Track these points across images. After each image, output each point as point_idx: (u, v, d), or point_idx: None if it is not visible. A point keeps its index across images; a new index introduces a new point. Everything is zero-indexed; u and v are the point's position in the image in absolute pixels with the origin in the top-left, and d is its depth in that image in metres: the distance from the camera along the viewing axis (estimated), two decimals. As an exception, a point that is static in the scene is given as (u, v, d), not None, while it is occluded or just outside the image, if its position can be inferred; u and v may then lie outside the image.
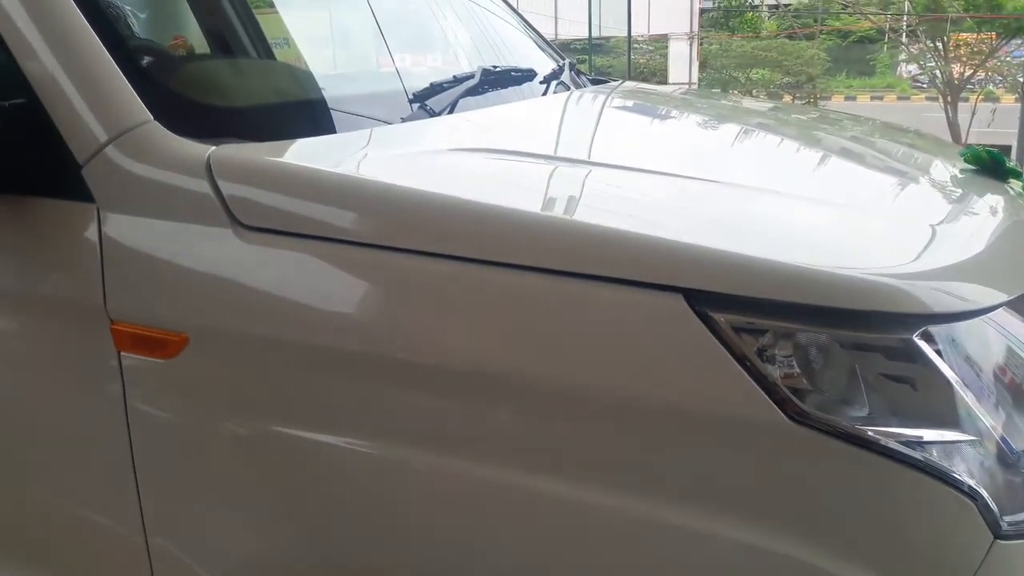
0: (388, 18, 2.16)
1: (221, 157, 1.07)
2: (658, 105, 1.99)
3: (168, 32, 2.15)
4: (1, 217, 1.17)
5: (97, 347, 1.11)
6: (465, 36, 2.08)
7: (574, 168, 1.23)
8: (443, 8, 2.18)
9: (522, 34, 2.24)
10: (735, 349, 0.86)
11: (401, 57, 1.97)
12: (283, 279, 1.02)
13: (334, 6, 2.03)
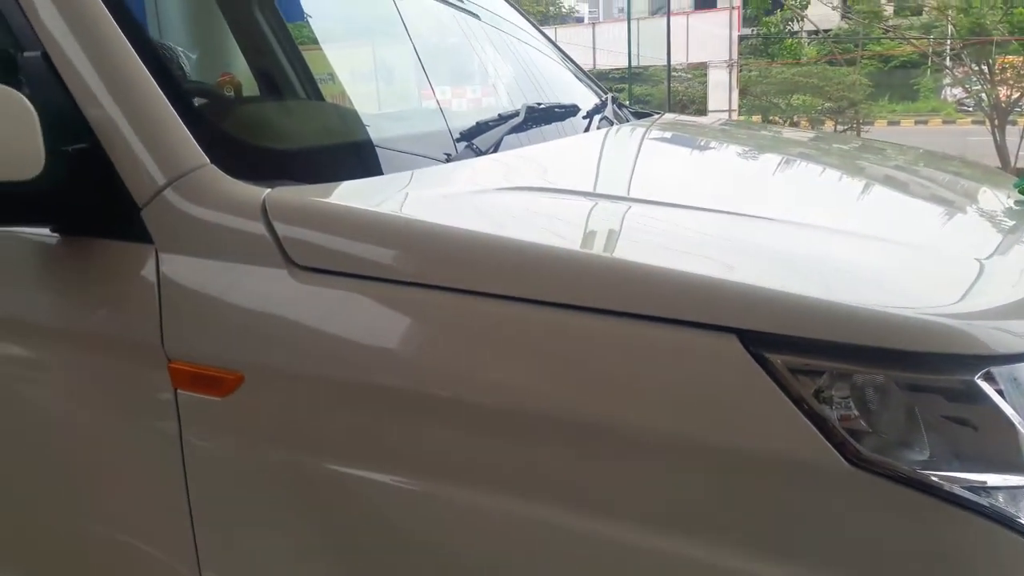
0: (430, 53, 2.20)
1: (276, 199, 1.09)
2: (701, 139, 1.99)
3: (216, 69, 2.22)
4: (64, 257, 1.21)
5: (155, 385, 1.13)
6: (507, 70, 2.11)
7: (622, 205, 1.23)
8: (484, 42, 2.21)
9: (563, 67, 2.26)
10: (791, 391, 0.85)
11: (444, 92, 2.00)
12: (336, 318, 1.04)
13: (377, 42, 2.07)
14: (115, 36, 1.20)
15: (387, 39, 2.02)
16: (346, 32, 2.15)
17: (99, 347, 1.20)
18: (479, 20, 2.19)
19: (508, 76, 2.05)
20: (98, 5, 1.22)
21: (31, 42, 1.20)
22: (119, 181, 1.15)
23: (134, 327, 1.14)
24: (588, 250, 0.99)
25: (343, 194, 1.17)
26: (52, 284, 1.23)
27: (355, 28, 2.18)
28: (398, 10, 1.94)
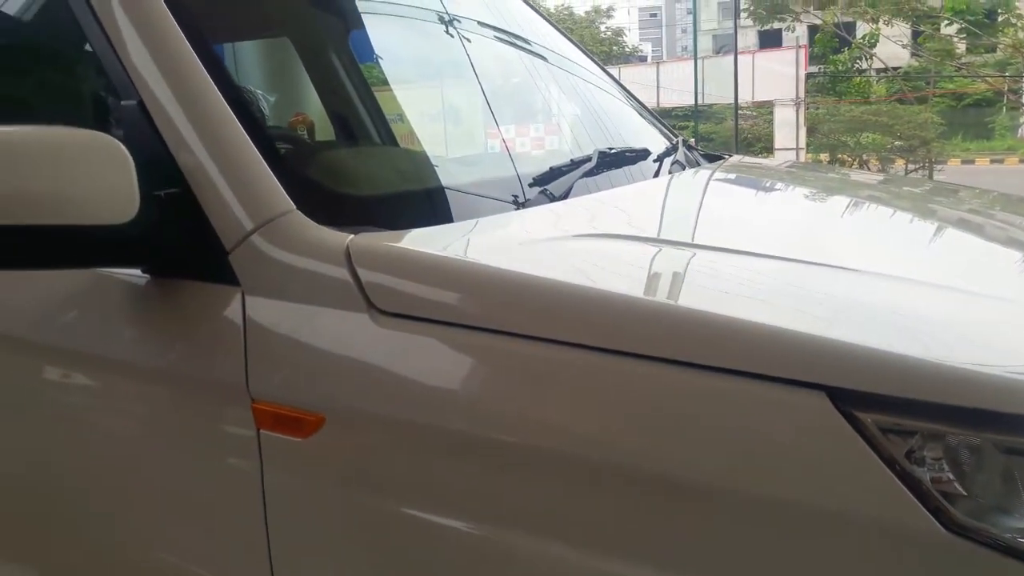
0: (500, 94, 2.23)
1: (359, 245, 1.11)
2: (773, 182, 1.97)
3: (289, 109, 2.28)
4: (153, 297, 1.25)
5: (238, 424, 1.16)
6: (577, 113, 2.12)
7: (700, 254, 1.22)
8: (554, 84, 2.23)
9: (632, 109, 2.27)
10: (883, 451, 0.83)
11: (514, 134, 2.03)
12: (417, 363, 1.05)
13: (447, 83, 2.11)
14: (206, 84, 1.25)
15: (456, 80, 2.06)
16: (415, 73, 2.20)
17: (184, 385, 1.23)
18: (547, 62, 2.21)
19: (577, 118, 2.07)
20: (191, 55, 1.27)
21: (128, 91, 1.26)
22: (208, 225, 1.18)
23: (219, 367, 1.17)
24: (671, 301, 0.99)
25: (423, 240, 1.19)
26: (141, 323, 1.27)
27: (424, 69, 2.23)
28: (466, 51, 1.97)
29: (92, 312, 1.33)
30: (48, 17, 1.52)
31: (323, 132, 2.35)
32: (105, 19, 1.30)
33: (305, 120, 2.53)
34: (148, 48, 1.27)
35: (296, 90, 2.45)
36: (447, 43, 1.95)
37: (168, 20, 1.29)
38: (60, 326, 1.37)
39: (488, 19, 2.15)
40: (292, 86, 2.47)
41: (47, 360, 1.40)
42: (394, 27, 2.06)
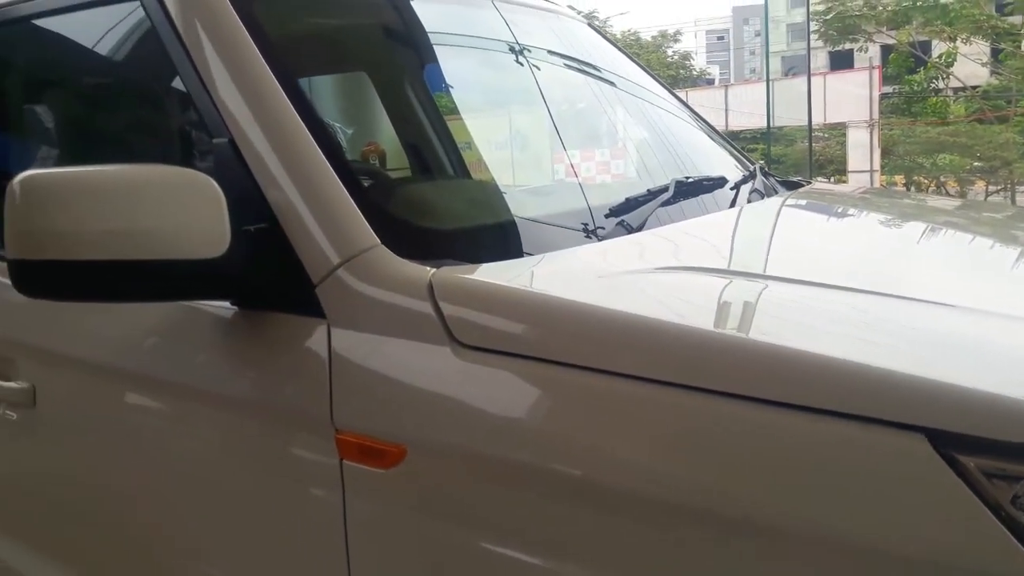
0: (573, 125, 2.24)
1: (441, 279, 1.13)
2: (857, 210, 1.93)
3: (364, 139, 2.33)
4: (242, 329, 1.29)
5: (322, 454, 1.17)
6: (651, 140, 2.11)
7: (786, 288, 1.20)
8: (625, 112, 2.23)
9: (707, 135, 2.25)
10: (987, 496, 0.79)
11: (588, 163, 2.03)
12: (498, 397, 1.05)
13: (521, 114, 2.13)
14: (294, 122, 1.29)
15: (530, 111, 2.08)
16: (490, 105, 2.23)
17: (270, 414, 1.26)
18: (620, 90, 2.21)
19: (652, 147, 2.06)
20: (279, 93, 1.31)
21: (219, 129, 1.31)
22: (296, 259, 1.22)
23: (305, 397, 1.20)
24: (759, 338, 0.97)
25: (503, 273, 1.20)
26: (229, 353, 1.31)
27: (499, 101, 2.26)
28: (540, 82, 1.99)
29: (182, 342, 1.38)
30: (145, 58, 1.59)
31: (393, 160, 2.40)
32: (198, 59, 1.35)
33: (377, 149, 2.59)
34: (238, 87, 1.32)
35: (370, 121, 2.51)
36: (521, 74, 1.97)
37: (258, 60, 1.34)
38: (151, 356, 1.42)
39: (561, 48, 2.17)
40: (366, 118, 2.53)
41: (139, 388, 1.46)
42: (469, 59, 2.09)
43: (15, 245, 1.12)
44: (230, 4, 1.40)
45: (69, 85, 1.89)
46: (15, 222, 1.11)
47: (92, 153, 1.74)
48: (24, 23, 1.79)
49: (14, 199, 1.11)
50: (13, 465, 1.74)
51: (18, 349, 1.63)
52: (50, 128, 1.87)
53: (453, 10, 1.97)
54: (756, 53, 58.93)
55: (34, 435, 1.64)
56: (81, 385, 1.55)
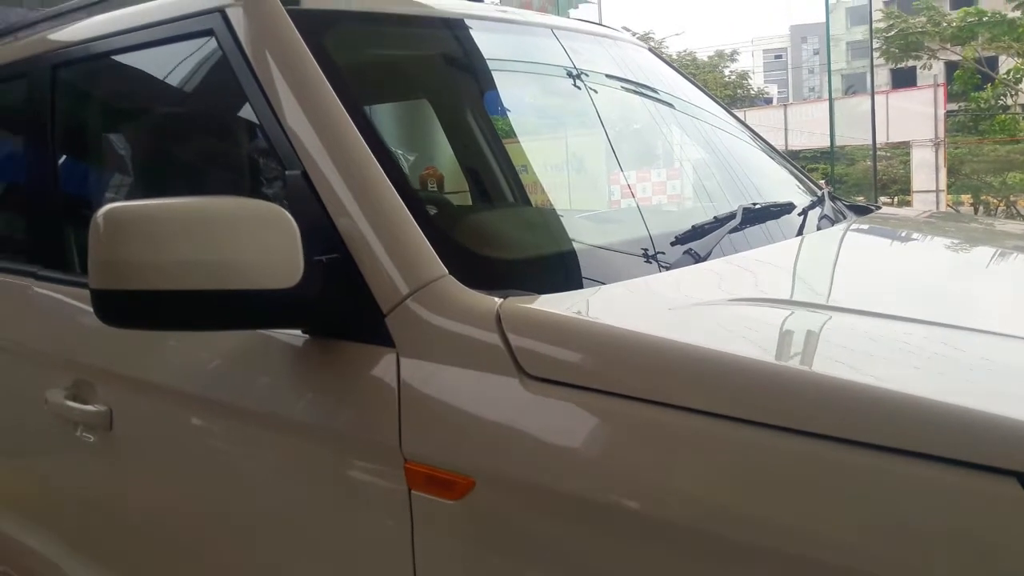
0: (637, 153, 2.22)
1: (509, 310, 1.13)
2: (933, 238, 1.87)
3: (424, 165, 2.36)
4: (313, 357, 1.30)
5: (390, 484, 1.18)
6: (716, 166, 2.08)
7: (863, 322, 1.16)
8: (691, 139, 2.21)
9: (772, 160, 2.21)
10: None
11: (653, 191, 2.01)
12: (565, 430, 1.04)
13: (584, 142, 2.13)
14: (364, 154, 1.32)
15: (595, 140, 2.08)
16: (552, 132, 2.23)
17: (339, 441, 1.27)
18: (685, 116, 2.20)
19: (718, 172, 2.03)
20: (350, 125, 1.34)
21: (291, 160, 1.33)
22: (367, 289, 1.23)
23: (374, 426, 1.21)
24: (839, 375, 0.94)
25: (570, 304, 1.19)
26: (300, 381, 1.33)
27: (562, 129, 2.26)
28: (601, 112, 1.99)
29: (253, 369, 1.40)
30: (219, 91, 1.64)
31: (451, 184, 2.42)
32: (269, 91, 1.39)
33: (435, 173, 2.61)
34: (309, 119, 1.35)
35: (431, 148, 2.54)
36: (584, 101, 1.97)
37: (328, 92, 1.37)
38: (223, 381, 1.45)
39: (622, 74, 2.16)
40: (428, 145, 2.56)
41: (211, 413, 1.49)
42: (530, 86, 2.10)
43: (98, 275, 1.15)
44: (301, 37, 1.43)
45: (146, 118, 1.96)
46: (98, 253, 1.15)
47: (169, 184, 1.80)
48: (104, 59, 1.86)
49: (98, 231, 1.14)
50: (89, 486, 1.79)
51: (97, 374, 1.68)
52: (129, 160, 1.94)
53: (515, 40, 1.99)
54: (814, 72, 58.17)
55: (110, 457, 1.69)
56: (156, 409, 1.58)
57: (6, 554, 2.16)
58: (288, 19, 1.45)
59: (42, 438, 1.87)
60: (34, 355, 1.89)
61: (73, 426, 1.72)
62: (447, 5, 1.90)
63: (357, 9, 1.69)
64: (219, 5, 1.51)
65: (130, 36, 1.74)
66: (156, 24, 1.66)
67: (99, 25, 1.85)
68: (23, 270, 1.94)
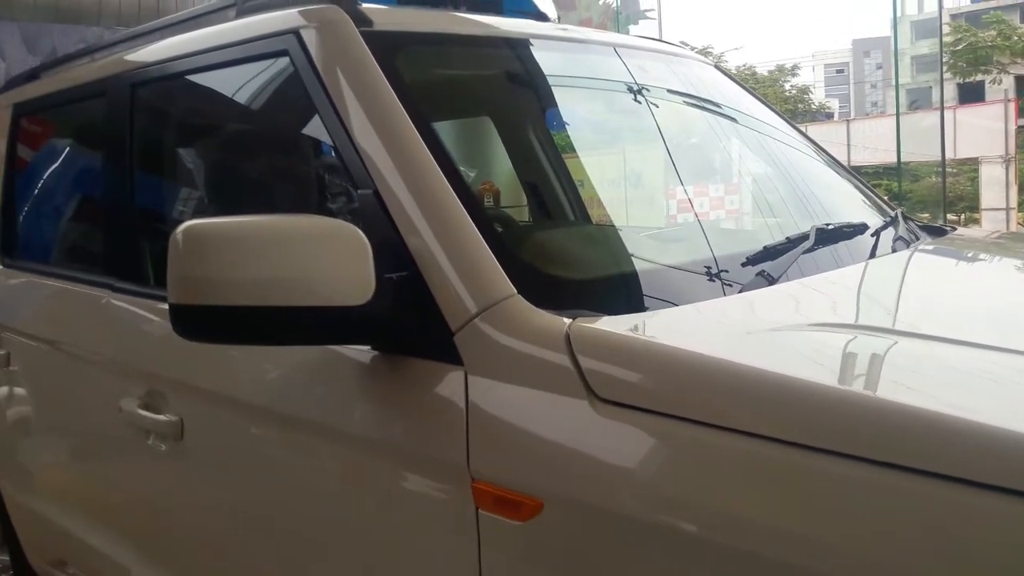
0: (707, 171, 2.20)
1: (580, 331, 1.12)
2: (1014, 260, 1.81)
3: (481, 180, 2.37)
4: (382, 374, 1.31)
5: (457, 502, 1.18)
6: (787, 185, 2.05)
7: (948, 350, 1.12)
8: (750, 150, 2.18)
9: (843, 178, 2.16)
10: None
11: (723, 210, 1.98)
12: (636, 455, 1.03)
13: (652, 160, 2.11)
14: (434, 172, 1.33)
15: (663, 158, 2.06)
16: (618, 150, 2.23)
17: (406, 457, 1.28)
18: (754, 133, 2.16)
19: (789, 191, 1.99)
20: (420, 145, 1.35)
21: (363, 178, 1.35)
22: (436, 307, 1.24)
23: (441, 444, 1.21)
24: (925, 405, 0.90)
25: (643, 326, 1.18)
26: (368, 397, 1.34)
27: (620, 142, 2.25)
28: (655, 119, 1.97)
29: (321, 384, 1.42)
30: (293, 111, 1.68)
31: (507, 199, 2.42)
32: (342, 111, 1.41)
33: (491, 188, 2.62)
34: (380, 138, 1.36)
35: (490, 165, 2.55)
36: (651, 119, 1.96)
37: (399, 111, 1.39)
38: (292, 395, 1.47)
39: (690, 91, 2.15)
40: (486, 162, 2.57)
41: (279, 426, 1.51)
42: (595, 105, 2.10)
43: (176, 291, 1.18)
44: (373, 58, 1.45)
45: (221, 136, 2.01)
46: (177, 269, 1.17)
47: (243, 202, 1.84)
48: (181, 78, 1.91)
49: (177, 247, 1.17)
50: (159, 493, 1.83)
51: (169, 385, 1.72)
52: (204, 177, 1.99)
53: (583, 58, 1.99)
54: (877, 86, 57.04)
55: (180, 466, 1.72)
56: (225, 420, 1.62)
57: (76, 555, 2.23)
58: (361, 40, 1.47)
59: (115, 445, 1.92)
60: (109, 365, 1.94)
61: (145, 434, 1.76)
62: (512, 25, 1.92)
63: (426, 30, 1.71)
64: (294, 26, 1.54)
65: (206, 56, 1.78)
66: (232, 44, 1.71)
67: (176, 45, 1.91)
68: (100, 282, 2.00)
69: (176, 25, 2.08)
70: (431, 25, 1.75)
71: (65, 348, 2.17)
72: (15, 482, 2.46)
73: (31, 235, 2.61)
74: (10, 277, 2.49)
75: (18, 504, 2.45)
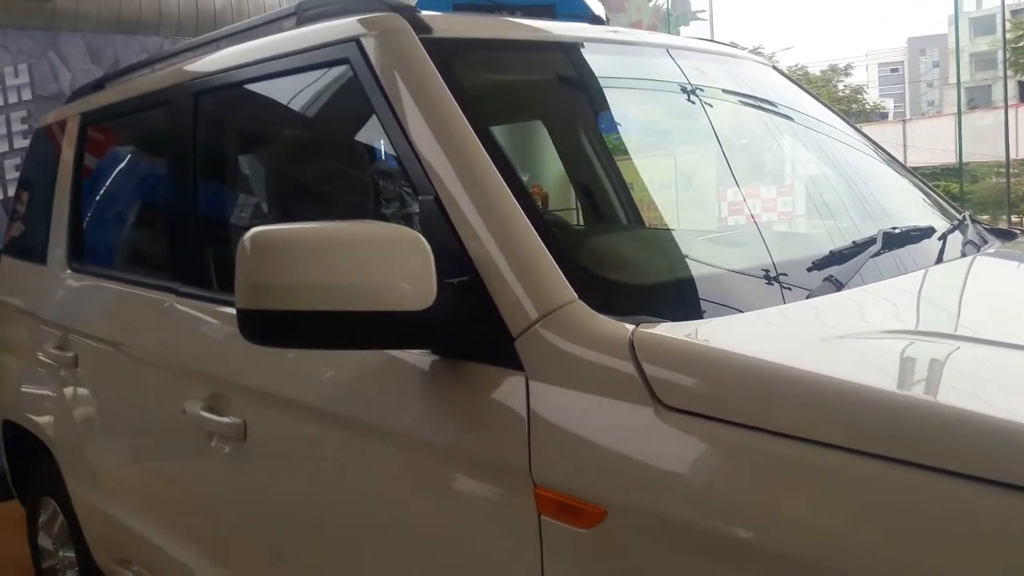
0: (767, 173, 2.16)
1: (644, 338, 1.11)
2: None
3: (529, 182, 2.36)
4: (442, 378, 1.32)
5: (519, 508, 1.17)
6: (849, 188, 2.00)
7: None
8: (813, 153, 2.14)
9: (906, 180, 2.11)
10: None
11: (784, 213, 1.95)
12: (705, 465, 1.01)
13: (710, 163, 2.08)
14: (494, 178, 1.33)
15: (716, 155, 2.03)
16: (674, 153, 2.20)
17: (467, 463, 1.28)
18: (813, 133, 2.12)
19: (851, 194, 1.95)
20: (480, 150, 1.36)
21: (425, 186, 1.36)
22: (496, 312, 1.24)
23: (502, 449, 1.20)
24: (1005, 417, 0.87)
25: (712, 334, 1.16)
26: (428, 400, 1.34)
27: (686, 150, 2.22)
28: (713, 122, 1.95)
29: (382, 387, 1.43)
30: (356, 118, 1.69)
31: (556, 202, 2.41)
32: (402, 117, 1.42)
33: (540, 192, 2.61)
34: (440, 143, 1.37)
35: (537, 168, 2.55)
36: (710, 125, 1.93)
37: (459, 117, 1.39)
38: (353, 398, 1.48)
39: (746, 91, 2.12)
40: (534, 165, 2.57)
41: (340, 428, 1.52)
42: (654, 107, 2.08)
43: (244, 296, 1.20)
44: (433, 65, 1.46)
45: (283, 143, 2.04)
46: (244, 275, 1.19)
47: (304, 208, 1.86)
48: (243, 87, 1.95)
49: (245, 253, 1.19)
50: (223, 494, 1.86)
51: (233, 388, 1.75)
52: (266, 184, 2.03)
53: (640, 61, 1.97)
54: (933, 85, 55.68)
55: (243, 467, 1.75)
56: (287, 423, 1.64)
57: (140, 554, 2.28)
58: (421, 47, 1.48)
59: (179, 446, 1.96)
60: (174, 367, 1.99)
61: (208, 436, 1.80)
62: (567, 30, 1.91)
63: (483, 36, 1.72)
64: (354, 34, 1.56)
65: (268, 65, 1.81)
66: (292, 53, 1.73)
67: (238, 55, 1.94)
68: (165, 286, 2.04)
69: (238, 35, 2.12)
70: (487, 31, 1.75)
71: (131, 351, 2.22)
72: (82, 481, 2.52)
73: (98, 240, 2.68)
74: (78, 281, 2.56)
75: (85, 502, 2.52)
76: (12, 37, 4.29)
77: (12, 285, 3.05)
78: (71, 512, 2.60)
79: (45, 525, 2.88)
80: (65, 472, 2.58)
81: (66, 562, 2.76)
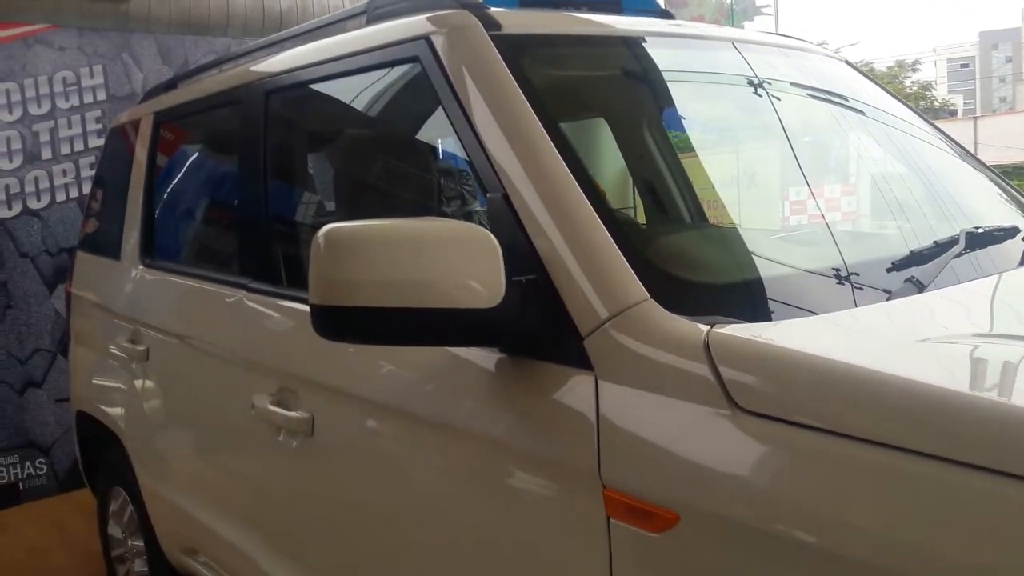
0: (840, 170, 2.10)
1: (721, 340, 1.08)
2: None
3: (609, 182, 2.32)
4: (509, 376, 1.31)
5: (587, 510, 1.16)
6: (928, 186, 1.94)
7: None
8: (883, 148, 2.07)
9: (985, 177, 2.03)
10: None
11: (861, 211, 1.88)
12: (783, 470, 0.98)
13: (780, 160, 2.03)
14: (564, 176, 1.31)
15: (791, 158, 1.98)
16: (743, 151, 2.15)
17: (534, 461, 1.27)
18: (888, 131, 2.06)
19: (926, 189, 1.88)
20: (550, 148, 1.34)
21: (494, 184, 1.35)
22: (565, 311, 1.22)
23: (571, 449, 1.19)
24: None
25: (791, 337, 1.12)
26: (494, 398, 1.33)
27: (756, 148, 2.17)
28: (787, 118, 1.90)
29: (449, 384, 1.43)
30: (426, 116, 1.70)
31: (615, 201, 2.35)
32: (472, 114, 1.42)
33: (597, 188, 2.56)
34: (511, 142, 1.36)
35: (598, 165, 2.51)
36: (784, 120, 1.89)
37: (529, 114, 1.38)
38: (420, 395, 1.48)
39: (820, 87, 2.06)
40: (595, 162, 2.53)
41: (406, 424, 1.53)
42: (726, 102, 2.04)
43: (317, 292, 1.20)
44: (503, 62, 1.45)
45: (353, 141, 2.06)
46: (317, 271, 1.20)
47: (374, 205, 1.88)
48: (313, 85, 1.97)
49: (319, 250, 1.20)
50: (289, 488, 1.89)
51: (301, 383, 1.77)
52: (336, 181, 2.05)
53: (710, 56, 1.94)
54: (1006, 80, 53.83)
55: (310, 461, 1.77)
56: (355, 418, 1.65)
57: (207, 545, 2.33)
58: (491, 44, 1.48)
59: (248, 440, 1.99)
60: (243, 362, 2.02)
61: (276, 430, 1.82)
62: (635, 24, 1.89)
63: (551, 32, 1.70)
64: (424, 32, 1.56)
65: (338, 63, 1.83)
66: (362, 52, 1.74)
67: (308, 54, 1.96)
68: (235, 282, 2.08)
69: (307, 33, 2.15)
70: (555, 27, 1.74)
71: (201, 345, 2.27)
72: (151, 472, 2.58)
73: (169, 237, 2.75)
74: (150, 276, 2.63)
75: (154, 493, 2.58)
76: (88, 39, 4.43)
77: (86, 280, 3.15)
78: (140, 502, 2.67)
79: (115, 514, 2.96)
80: (135, 463, 2.65)
81: (135, 551, 2.83)
